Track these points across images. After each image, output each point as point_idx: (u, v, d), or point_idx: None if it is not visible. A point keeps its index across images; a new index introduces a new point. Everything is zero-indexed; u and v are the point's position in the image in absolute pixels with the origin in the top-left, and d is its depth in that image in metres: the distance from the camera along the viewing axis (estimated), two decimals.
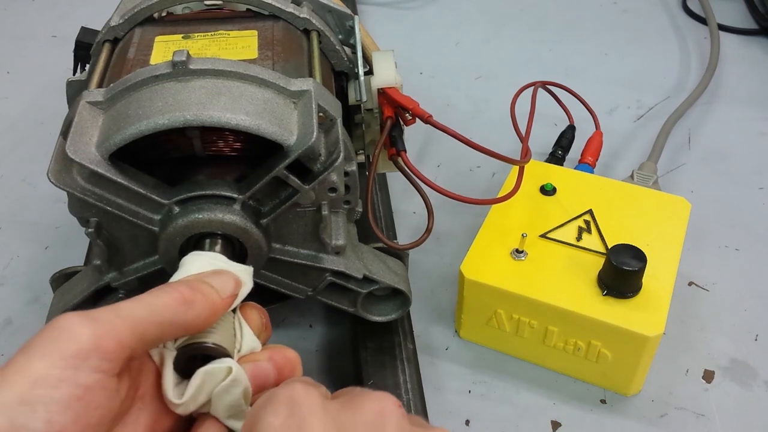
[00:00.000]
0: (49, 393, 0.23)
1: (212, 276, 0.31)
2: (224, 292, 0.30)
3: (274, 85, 0.38)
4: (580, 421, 0.44)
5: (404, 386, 0.43)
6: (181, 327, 0.28)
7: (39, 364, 0.24)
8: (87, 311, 0.26)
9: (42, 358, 0.24)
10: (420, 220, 0.59)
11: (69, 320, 0.25)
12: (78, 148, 0.35)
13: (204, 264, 0.33)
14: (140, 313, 0.27)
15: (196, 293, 0.29)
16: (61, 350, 0.24)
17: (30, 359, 0.24)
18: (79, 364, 0.24)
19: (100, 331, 0.25)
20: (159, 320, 0.27)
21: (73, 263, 0.45)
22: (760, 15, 0.85)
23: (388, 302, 0.46)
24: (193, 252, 0.35)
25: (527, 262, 0.45)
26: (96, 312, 0.26)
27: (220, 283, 0.30)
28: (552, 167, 0.54)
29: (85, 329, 0.24)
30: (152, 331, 0.27)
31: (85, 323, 0.25)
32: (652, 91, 0.74)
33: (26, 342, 0.25)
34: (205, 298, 0.29)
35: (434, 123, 0.44)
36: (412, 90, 0.48)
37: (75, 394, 0.23)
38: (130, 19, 0.45)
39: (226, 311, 0.31)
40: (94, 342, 0.24)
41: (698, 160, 0.65)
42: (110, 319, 0.25)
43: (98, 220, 0.38)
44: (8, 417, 0.22)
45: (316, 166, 0.38)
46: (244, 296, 0.32)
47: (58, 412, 0.23)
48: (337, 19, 0.50)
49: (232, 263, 0.34)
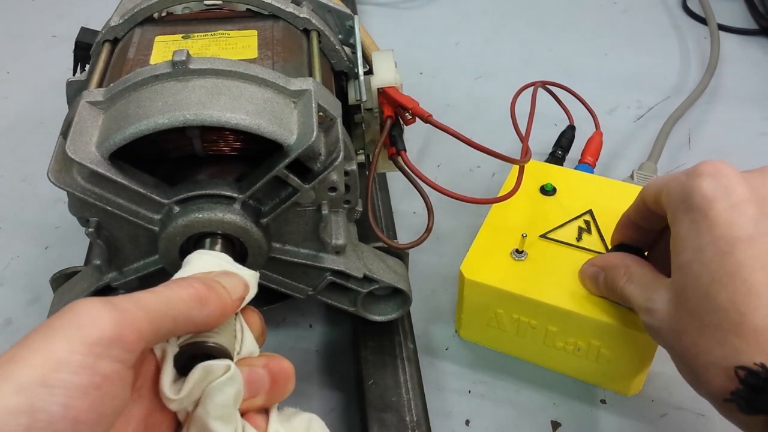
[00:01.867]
0: (69, 378, 0.23)
1: (223, 277, 0.31)
2: (234, 293, 0.30)
3: (274, 85, 0.38)
4: (580, 421, 0.44)
5: (404, 386, 0.43)
6: (192, 324, 0.28)
7: (60, 347, 0.23)
8: (107, 297, 0.26)
9: (63, 341, 0.24)
10: (420, 220, 0.58)
11: (91, 306, 0.25)
12: (78, 147, 0.35)
13: (210, 263, 0.33)
14: (158, 306, 0.27)
15: (210, 292, 0.29)
16: (83, 336, 0.24)
17: (50, 341, 0.24)
18: (101, 353, 0.24)
19: (122, 321, 0.25)
20: (174, 315, 0.27)
21: (73, 263, 0.45)
22: (760, 15, 0.85)
23: (389, 302, 0.46)
24: (199, 250, 0.35)
25: (527, 263, 0.45)
26: (116, 300, 0.26)
27: (231, 285, 0.30)
28: (552, 167, 0.54)
29: (107, 317, 0.24)
30: (167, 324, 0.27)
31: (107, 311, 0.25)
32: (652, 91, 0.74)
33: (44, 322, 0.25)
34: (218, 298, 0.29)
35: (434, 122, 0.44)
36: (412, 90, 0.48)
37: (94, 382, 0.23)
38: (130, 19, 0.45)
39: (234, 313, 0.31)
40: (116, 331, 0.24)
41: (698, 160, 0.64)
42: (130, 308, 0.25)
43: (98, 220, 0.38)
44: (27, 397, 0.22)
45: (316, 166, 0.38)
46: (248, 301, 0.32)
47: (77, 397, 0.23)
48: (336, 18, 0.50)
49: (239, 266, 0.34)
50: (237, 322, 0.32)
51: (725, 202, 0.30)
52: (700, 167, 0.32)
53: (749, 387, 0.27)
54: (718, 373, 0.28)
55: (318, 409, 0.45)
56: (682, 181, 0.32)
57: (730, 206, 0.30)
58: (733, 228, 0.30)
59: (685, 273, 0.31)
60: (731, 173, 0.31)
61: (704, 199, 0.31)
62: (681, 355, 0.31)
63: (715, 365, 0.28)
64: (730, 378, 0.28)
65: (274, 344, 0.49)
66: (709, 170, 0.32)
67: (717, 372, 0.28)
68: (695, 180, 0.32)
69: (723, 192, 0.31)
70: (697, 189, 0.31)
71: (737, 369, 0.27)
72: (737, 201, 0.30)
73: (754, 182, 0.31)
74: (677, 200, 0.32)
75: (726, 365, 0.28)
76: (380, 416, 0.41)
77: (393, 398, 0.42)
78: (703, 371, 0.29)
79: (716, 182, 0.31)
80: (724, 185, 0.31)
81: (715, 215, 0.30)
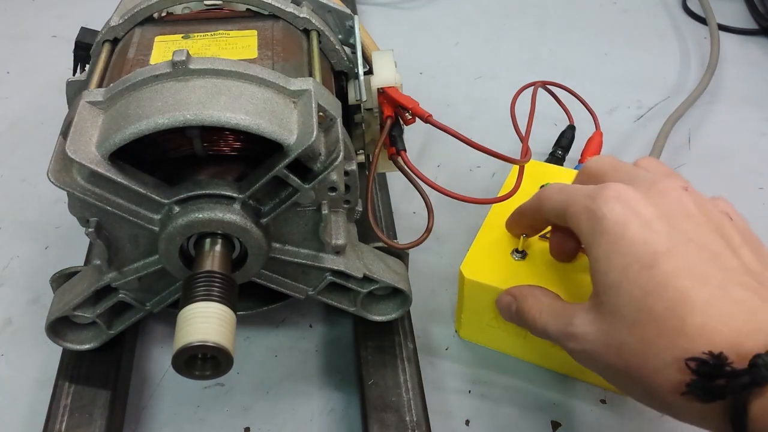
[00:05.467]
0: None
1: None
2: None
3: (274, 85, 0.38)
4: (580, 421, 0.44)
5: (404, 386, 0.43)
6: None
7: None
8: None
9: None
10: (420, 220, 0.58)
11: None
12: (78, 147, 0.35)
13: None
14: None
15: None
16: None
17: None
18: None
19: None
20: None
21: (73, 263, 0.45)
22: (760, 15, 0.85)
23: (389, 302, 0.46)
24: None
25: (527, 263, 0.45)
26: None
27: None
28: (552, 167, 0.54)
29: None
30: None
31: None
32: (652, 91, 0.74)
33: None
34: None
35: (434, 122, 0.44)
36: (412, 90, 0.48)
37: None
38: (129, 19, 0.45)
39: None
40: None
41: (698, 160, 0.65)
42: None
43: (98, 220, 0.38)
44: None
45: (316, 166, 0.38)
46: None
47: None
48: (336, 18, 0.50)
49: None
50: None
51: (637, 222, 0.33)
52: (604, 192, 0.34)
53: (702, 375, 0.29)
54: (670, 373, 0.30)
55: (318, 409, 0.45)
56: (588, 205, 0.35)
57: (642, 225, 0.33)
58: (651, 244, 0.32)
59: (616, 292, 0.32)
60: (634, 195, 0.34)
61: (617, 224, 0.33)
62: (624, 368, 0.32)
63: (667, 366, 0.30)
64: (683, 373, 0.29)
65: (274, 344, 0.49)
66: (613, 194, 0.34)
67: (669, 372, 0.30)
68: (604, 205, 0.34)
69: (632, 213, 0.33)
70: (608, 214, 0.33)
71: (687, 361, 0.29)
72: (647, 219, 0.33)
73: (654, 200, 0.34)
74: (588, 225, 0.34)
75: (677, 364, 0.30)
76: (380, 416, 0.41)
77: (393, 398, 0.42)
78: (654, 375, 0.31)
79: (624, 205, 0.33)
80: (632, 207, 0.33)
81: (631, 235, 0.33)
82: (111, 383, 0.43)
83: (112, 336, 0.44)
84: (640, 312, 0.31)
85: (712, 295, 0.30)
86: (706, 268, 0.31)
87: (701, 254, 0.32)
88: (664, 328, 0.30)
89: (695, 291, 0.30)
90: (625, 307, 0.32)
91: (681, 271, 0.31)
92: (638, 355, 0.31)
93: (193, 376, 0.34)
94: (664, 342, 0.30)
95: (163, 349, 0.49)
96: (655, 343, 0.31)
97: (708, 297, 0.30)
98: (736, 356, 0.28)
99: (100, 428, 0.40)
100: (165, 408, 0.45)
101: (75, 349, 0.44)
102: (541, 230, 0.44)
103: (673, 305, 0.30)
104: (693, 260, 0.31)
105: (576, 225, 0.36)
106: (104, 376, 0.43)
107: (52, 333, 0.43)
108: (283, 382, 0.46)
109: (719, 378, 0.28)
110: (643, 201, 0.34)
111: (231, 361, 0.33)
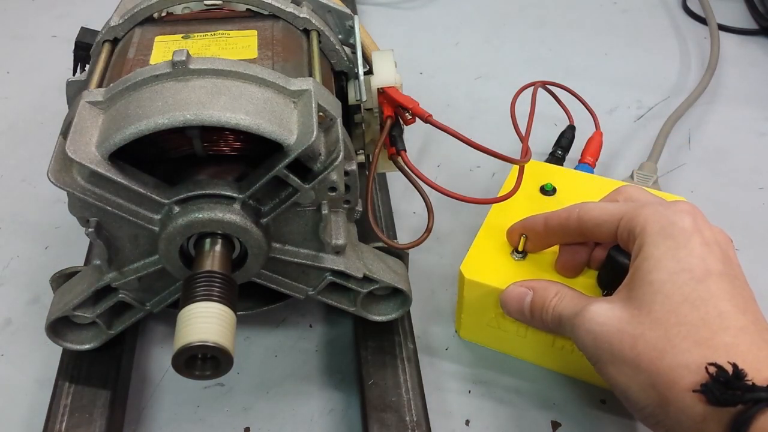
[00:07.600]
0: None
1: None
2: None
3: (274, 85, 0.38)
4: (580, 421, 0.44)
5: (404, 386, 0.43)
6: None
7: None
8: None
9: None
10: (420, 220, 0.59)
11: None
12: (78, 147, 0.35)
13: None
14: None
15: None
16: None
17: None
18: None
19: None
20: None
21: (73, 263, 0.45)
22: (760, 15, 0.85)
23: (389, 302, 0.46)
24: None
25: (527, 262, 0.45)
26: None
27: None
28: (552, 167, 0.54)
29: None
30: None
31: None
32: (652, 91, 0.74)
33: None
34: None
35: (434, 122, 0.44)
36: (412, 90, 0.48)
37: None
38: (129, 19, 0.45)
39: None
40: None
41: (698, 160, 0.65)
42: None
43: (98, 220, 0.38)
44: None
45: (316, 166, 0.38)
46: None
47: None
48: (336, 18, 0.50)
49: None
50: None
51: (701, 239, 0.36)
52: (681, 205, 0.37)
53: (719, 381, 0.31)
54: (686, 373, 0.32)
55: (318, 409, 0.45)
56: (662, 210, 0.37)
57: (704, 243, 0.36)
58: (707, 261, 0.35)
59: (655, 290, 0.35)
60: (702, 217, 0.37)
61: (684, 232, 0.36)
62: (633, 358, 0.34)
63: (684, 366, 0.32)
64: (700, 375, 0.32)
65: (274, 344, 0.49)
66: (688, 209, 0.37)
67: (685, 372, 0.32)
68: (677, 214, 0.37)
69: (699, 230, 0.36)
70: (679, 222, 0.36)
71: (708, 365, 0.31)
72: (708, 240, 0.36)
73: (714, 230, 0.37)
74: (657, 226, 0.36)
75: (696, 367, 0.32)
76: (380, 416, 0.41)
77: (393, 398, 0.42)
78: (669, 371, 0.33)
79: (694, 220, 0.36)
80: (699, 225, 0.36)
81: (692, 247, 0.35)
82: (111, 383, 0.43)
83: (112, 336, 0.44)
84: (671, 314, 0.34)
85: (746, 326, 0.33)
86: (746, 304, 0.34)
87: (744, 291, 0.35)
88: (693, 335, 0.33)
89: (734, 317, 0.33)
90: (658, 305, 0.34)
91: (726, 295, 0.34)
92: (656, 350, 0.33)
93: (193, 376, 0.34)
94: (688, 345, 0.33)
95: (163, 349, 0.49)
96: (679, 344, 0.33)
97: (744, 325, 0.33)
98: (756, 379, 0.30)
99: (100, 428, 0.40)
100: (165, 408, 0.45)
101: (75, 349, 0.44)
102: (552, 245, 0.44)
103: (709, 320, 0.33)
104: (737, 292, 0.34)
105: (641, 225, 0.37)
106: (104, 376, 0.43)
107: (52, 333, 0.43)
108: (283, 382, 0.46)
109: (736, 389, 0.30)
110: (708, 225, 0.37)
111: (231, 361, 0.33)
